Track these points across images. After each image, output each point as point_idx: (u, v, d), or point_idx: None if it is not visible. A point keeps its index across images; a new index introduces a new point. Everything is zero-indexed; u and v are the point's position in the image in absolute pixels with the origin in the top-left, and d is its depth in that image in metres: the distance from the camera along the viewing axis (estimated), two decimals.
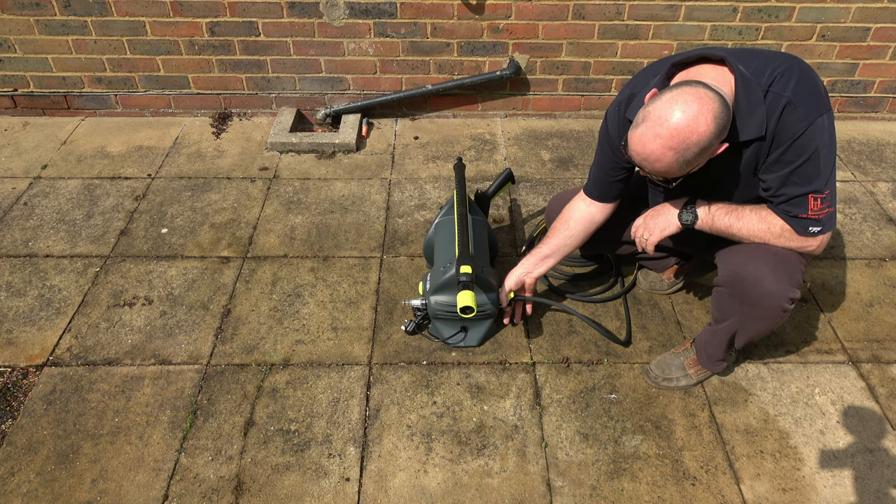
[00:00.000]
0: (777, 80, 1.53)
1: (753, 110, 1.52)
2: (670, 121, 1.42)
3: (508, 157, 3.08)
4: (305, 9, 2.95)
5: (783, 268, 1.68)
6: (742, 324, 1.81)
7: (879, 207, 2.78)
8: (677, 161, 1.47)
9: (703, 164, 1.56)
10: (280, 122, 3.19)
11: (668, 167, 1.49)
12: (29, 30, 3.00)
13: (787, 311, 1.71)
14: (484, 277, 2.03)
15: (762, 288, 1.67)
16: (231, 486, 1.77)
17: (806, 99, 1.52)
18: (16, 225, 2.64)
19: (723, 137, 1.49)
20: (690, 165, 1.50)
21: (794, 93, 1.52)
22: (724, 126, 1.46)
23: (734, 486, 1.78)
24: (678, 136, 1.43)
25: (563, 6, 2.95)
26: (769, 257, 1.69)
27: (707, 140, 1.44)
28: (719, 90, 1.48)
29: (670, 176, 1.55)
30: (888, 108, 3.32)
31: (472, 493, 1.76)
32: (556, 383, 2.04)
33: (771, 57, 1.59)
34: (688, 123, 1.41)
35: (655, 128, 1.44)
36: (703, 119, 1.41)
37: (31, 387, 2.02)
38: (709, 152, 1.49)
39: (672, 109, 1.42)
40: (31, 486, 1.76)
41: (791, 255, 1.71)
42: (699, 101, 1.42)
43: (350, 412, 1.95)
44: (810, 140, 1.52)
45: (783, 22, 3.00)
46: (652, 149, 1.46)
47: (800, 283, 1.71)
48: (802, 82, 1.54)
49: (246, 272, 2.43)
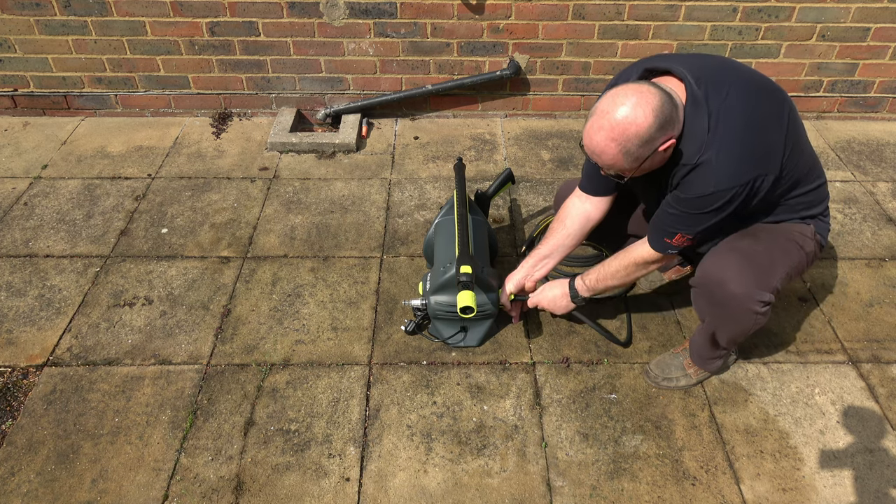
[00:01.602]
0: (714, 124, 1.54)
1: (695, 138, 1.56)
2: (612, 114, 1.50)
3: (508, 157, 3.08)
4: (305, 9, 2.95)
5: (751, 269, 1.69)
6: (716, 324, 1.83)
7: (879, 207, 2.78)
8: (621, 153, 1.52)
9: (658, 162, 1.60)
10: (280, 122, 3.19)
11: (613, 159, 1.55)
12: (29, 30, 3.00)
13: (758, 313, 1.71)
14: (484, 278, 2.03)
15: (726, 290, 1.70)
16: (231, 486, 1.77)
17: (728, 165, 1.54)
18: (16, 225, 2.64)
19: (668, 132, 1.52)
20: (638, 160, 1.54)
21: (719, 153, 1.53)
22: (665, 120, 1.49)
23: (734, 486, 1.78)
24: (618, 127, 1.49)
25: (563, 6, 2.95)
26: (738, 258, 1.71)
27: (647, 132, 1.48)
28: (671, 91, 1.53)
29: (619, 170, 1.60)
30: (888, 108, 3.32)
31: (472, 493, 1.76)
32: (556, 383, 2.04)
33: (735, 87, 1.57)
34: (626, 116, 1.48)
35: (599, 120, 1.52)
36: (642, 112, 1.47)
37: (32, 387, 2.02)
38: (653, 146, 1.52)
39: (615, 104, 1.50)
40: (31, 486, 1.76)
41: (764, 258, 1.72)
42: (639, 95, 1.48)
43: (350, 412, 1.96)
44: (706, 204, 1.59)
45: (783, 22, 3.00)
46: (597, 141, 1.53)
47: (773, 287, 1.70)
48: (737, 140, 1.54)
49: (246, 272, 2.43)
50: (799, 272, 1.83)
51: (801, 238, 1.79)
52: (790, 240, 1.78)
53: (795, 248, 1.78)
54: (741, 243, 1.74)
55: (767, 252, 1.73)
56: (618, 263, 1.86)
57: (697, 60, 1.65)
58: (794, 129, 1.62)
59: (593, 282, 1.92)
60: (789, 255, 1.76)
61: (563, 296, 1.99)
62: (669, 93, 1.52)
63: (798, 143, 1.64)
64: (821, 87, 3.24)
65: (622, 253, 1.86)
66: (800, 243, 1.78)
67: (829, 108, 3.32)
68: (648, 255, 1.79)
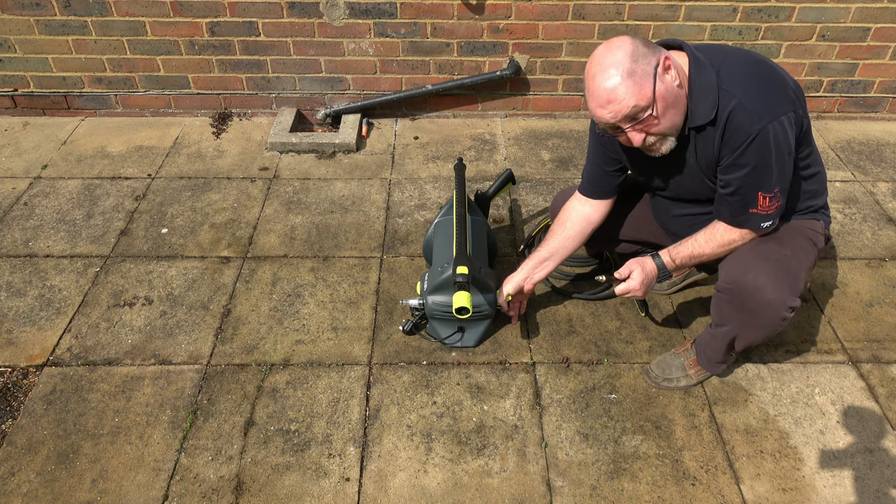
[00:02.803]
0: (728, 77, 1.56)
1: (706, 94, 1.57)
2: (595, 61, 1.56)
3: (508, 157, 3.08)
4: (305, 9, 2.95)
5: (784, 276, 1.68)
6: (740, 330, 1.81)
7: (879, 207, 2.78)
8: (627, 74, 1.51)
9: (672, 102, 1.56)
10: (280, 122, 3.19)
11: (626, 92, 1.52)
12: (29, 30, 3.00)
13: (785, 319, 1.70)
14: (481, 278, 2.03)
15: (761, 297, 1.68)
16: (231, 486, 1.77)
17: (757, 101, 1.55)
18: (16, 225, 2.64)
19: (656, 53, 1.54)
20: (647, 79, 1.52)
21: (745, 93, 1.55)
22: (644, 42, 1.54)
23: (734, 486, 1.78)
24: (606, 62, 1.53)
25: (563, 6, 2.95)
26: (769, 265, 1.69)
27: (632, 47, 1.52)
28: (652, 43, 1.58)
29: (640, 108, 1.54)
30: (888, 108, 3.32)
31: (472, 493, 1.76)
32: (556, 383, 2.04)
33: (732, 53, 1.63)
34: (606, 50, 1.55)
35: (593, 79, 1.56)
36: (617, 41, 1.54)
37: (32, 387, 2.02)
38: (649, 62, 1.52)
39: (593, 59, 1.57)
40: (31, 486, 1.76)
41: (793, 263, 1.71)
42: (606, 42, 1.57)
43: (350, 412, 1.96)
44: (761, 144, 1.56)
45: (783, 22, 3.00)
46: (605, 87, 1.54)
47: (801, 291, 1.70)
48: (756, 81, 1.57)
49: (246, 272, 2.43)
50: (809, 271, 1.82)
51: (815, 235, 1.80)
52: (807, 238, 1.78)
53: (811, 247, 1.78)
54: (768, 247, 1.72)
55: (794, 256, 1.73)
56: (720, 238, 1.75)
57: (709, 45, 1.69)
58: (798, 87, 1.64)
59: (685, 257, 1.80)
60: (808, 256, 1.77)
61: (651, 270, 1.83)
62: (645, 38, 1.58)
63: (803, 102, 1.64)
64: (821, 87, 3.24)
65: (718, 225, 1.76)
66: (814, 241, 1.79)
67: (829, 108, 3.32)
68: (740, 235, 1.73)
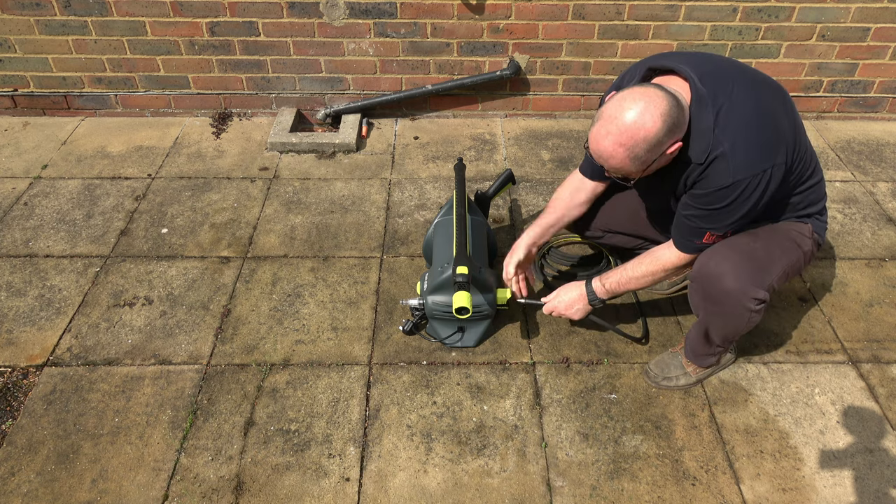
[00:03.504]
0: (724, 122, 1.54)
1: (702, 136, 1.56)
2: (620, 118, 1.48)
3: (508, 157, 3.08)
4: (305, 9, 2.95)
5: (748, 267, 1.69)
6: (710, 319, 1.83)
7: (879, 207, 2.78)
8: (629, 157, 1.51)
9: (663, 164, 1.60)
10: (280, 122, 3.19)
11: (621, 164, 1.54)
12: (29, 30, 3.00)
13: (752, 311, 1.71)
14: (481, 278, 2.03)
15: (721, 285, 1.70)
16: (231, 486, 1.77)
17: (742, 154, 1.54)
18: (16, 225, 2.64)
19: (676, 136, 1.52)
20: (645, 164, 1.54)
21: (734, 144, 1.54)
22: (674, 124, 1.50)
23: (734, 486, 1.78)
24: (627, 132, 1.48)
25: (563, 6, 2.95)
26: (734, 255, 1.70)
27: (655, 137, 1.48)
28: (676, 93, 1.53)
29: (626, 173, 1.59)
30: (888, 108, 3.32)
31: (472, 493, 1.76)
32: (556, 383, 2.04)
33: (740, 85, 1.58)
34: (635, 121, 1.47)
35: (607, 125, 1.50)
36: (650, 116, 1.46)
37: (32, 387, 2.02)
38: (661, 150, 1.52)
39: (622, 108, 1.48)
40: (31, 486, 1.76)
41: (763, 256, 1.72)
42: (647, 100, 1.47)
43: (350, 412, 1.96)
44: (729, 195, 1.58)
45: (783, 22, 3.00)
46: (605, 146, 1.52)
47: (768, 285, 1.71)
48: (749, 132, 1.55)
49: (246, 272, 2.43)
50: (797, 271, 1.83)
51: (800, 237, 1.79)
52: (789, 238, 1.78)
53: (794, 246, 1.78)
54: (739, 240, 1.73)
55: (765, 250, 1.73)
56: (645, 268, 1.82)
57: (699, 58, 1.65)
58: (796, 121, 1.64)
59: (614, 285, 1.88)
60: (787, 254, 1.76)
61: (579, 298, 1.95)
62: (675, 95, 1.52)
63: (801, 137, 1.66)
64: (821, 87, 3.24)
65: (648, 257, 1.83)
66: (798, 242, 1.79)
67: (829, 108, 3.32)
68: (679, 258, 1.77)
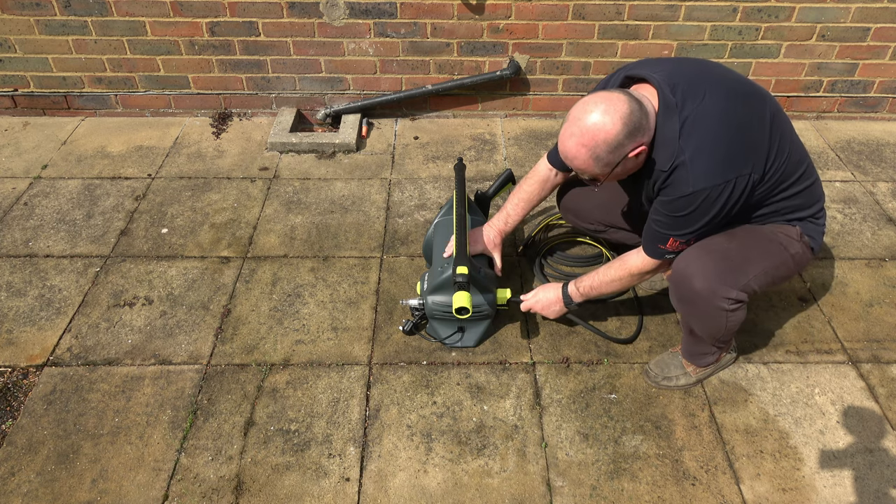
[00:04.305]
0: (689, 131, 1.56)
1: (667, 145, 1.59)
2: (582, 120, 1.55)
3: (508, 157, 3.08)
4: (305, 9, 2.95)
5: (720, 268, 1.71)
6: (689, 320, 1.87)
7: (879, 207, 2.78)
8: (591, 158, 1.57)
9: (631, 168, 1.64)
10: (280, 122, 3.19)
11: (584, 164, 1.60)
12: (29, 30, 3.00)
13: (727, 310, 1.73)
14: (481, 278, 2.03)
15: (691, 286, 1.73)
16: (231, 486, 1.77)
17: (703, 165, 1.56)
18: (16, 225, 2.64)
19: (637, 139, 1.56)
20: (608, 165, 1.58)
21: (695, 154, 1.55)
22: (635, 127, 1.53)
23: (734, 486, 1.78)
24: (587, 134, 1.54)
25: (563, 6, 2.95)
26: (705, 256, 1.72)
27: (615, 139, 1.53)
28: (643, 98, 1.57)
29: (591, 174, 1.64)
30: (888, 108, 3.32)
31: (472, 493, 1.76)
32: (556, 383, 2.04)
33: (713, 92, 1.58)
34: (595, 122, 1.53)
35: (571, 127, 1.58)
36: (610, 119, 1.52)
37: (32, 387, 2.02)
38: (622, 152, 1.56)
39: (585, 111, 1.55)
40: (31, 485, 1.76)
41: (737, 256, 1.73)
42: (608, 103, 1.53)
43: (350, 412, 1.96)
44: (688, 204, 1.61)
45: (783, 22, 3.00)
46: (569, 146, 1.59)
47: (742, 285, 1.72)
48: (715, 143, 1.56)
49: (246, 272, 2.43)
50: (784, 274, 1.82)
51: (786, 239, 1.79)
52: (771, 240, 1.78)
53: (777, 248, 1.77)
54: (713, 241, 1.75)
55: (740, 250, 1.74)
56: (614, 273, 1.87)
57: (677, 66, 1.66)
58: (778, 130, 1.63)
59: (586, 289, 1.94)
60: (769, 256, 1.76)
61: (556, 300, 2.01)
62: (640, 100, 1.56)
63: (783, 145, 1.65)
64: (821, 87, 3.24)
65: (618, 262, 1.87)
66: (783, 244, 1.78)
67: (829, 108, 3.32)
68: (644, 263, 1.80)
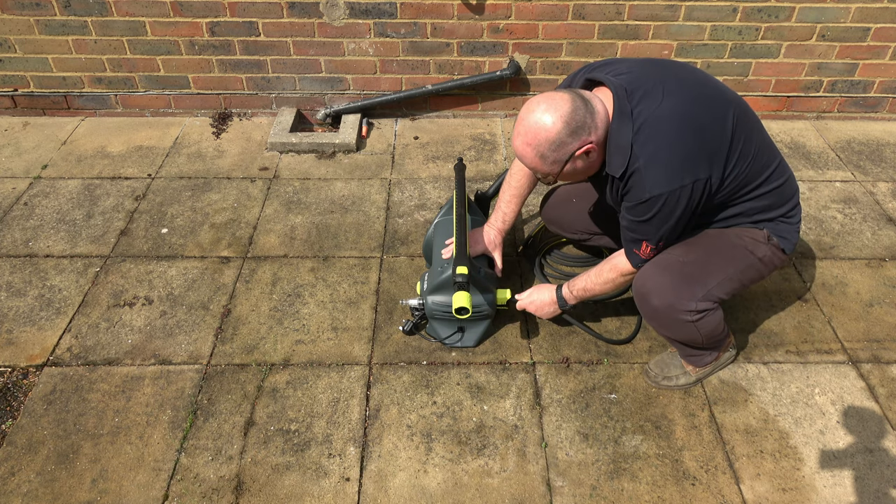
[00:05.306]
0: (644, 138, 1.56)
1: (620, 151, 1.60)
2: (526, 120, 1.59)
3: (508, 157, 3.08)
4: (305, 9, 2.95)
5: (675, 282, 1.75)
6: (660, 333, 1.92)
7: (879, 207, 2.78)
8: (537, 156, 1.60)
9: (583, 167, 1.65)
10: (280, 122, 3.19)
11: (532, 162, 1.63)
12: (29, 30, 3.00)
13: (692, 321, 1.77)
14: (480, 278, 2.03)
15: (648, 303, 1.81)
16: (231, 486, 1.77)
17: (658, 171, 1.56)
18: (16, 225, 2.64)
19: (581, 138, 1.57)
20: (556, 163, 1.61)
21: (650, 160, 1.56)
22: (577, 126, 1.56)
23: (734, 486, 1.78)
24: (530, 132, 1.58)
25: (563, 6, 2.95)
26: (660, 274, 1.76)
27: (557, 137, 1.55)
28: (592, 99, 1.58)
29: (542, 172, 1.66)
30: (888, 108, 3.32)
31: (472, 493, 1.76)
32: (556, 383, 2.04)
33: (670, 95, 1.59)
34: (536, 121, 1.56)
35: (518, 126, 1.62)
36: (550, 118, 1.55)
37: (32, 387, 2.02)
38: (566, 150, 1.58)
39: (529, 110, 1.58)
40: (31, 485, 1.76)
41: (694, 269, 1.75)
42: (549, 103, 1.56)
43: (350, 412, 1.96)
44: (648, 209, 1.62)
45: (783, 22, 3.00)
46: (517, 145, 1.63)
47: (703, 295, 1.74)
48: (670, 148, 1.56)
49: (246, 272, 2.43)
50: (753, 276, 1.82)
51: (751, 243, 1.78)
52: (736, 245, 1.78)
53: (742, 252, 1.77)
54: (671, 255, 1.77)
55: (700, 261, 1.76)
56: (606, 275, 1.87)
57: (640, 68, 1.66)
58: (740, 133, 1.62)
59: (579, 291, 1.94)
60: (733, 261, 1.77)
61: (550, 302, 2.02)
62: (589, 100, 1.58)
63: (747, 147, 1.64)
64: (821, 87, 3.24)
65: (608, 263, 1.87)
66: (749, 248, 1.78)
67: (829, 108, 3.32)
68: (626, 266, 1.81)
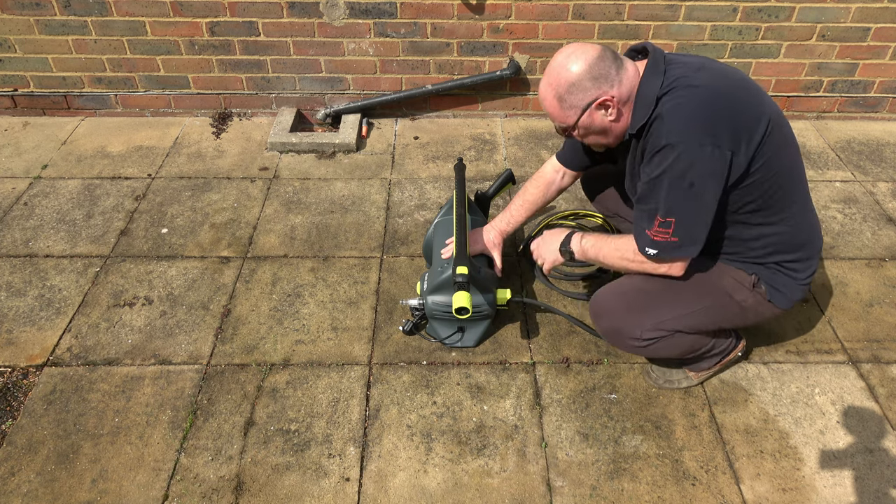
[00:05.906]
0: (672, 93, 1.55)
1: (644, 106, 1.59)
2: (552, 63, 1.63)
3: (508, 157, 3.08)
4: (305, 9, 2.95)
5: (624, 308, 1.77)
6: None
7: (879, 207, 2.78)
8: (556, 99, 1.62)
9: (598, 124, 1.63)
10: (280, 122, 3.19)
11: (551, 106, 1.65)
12: (29, 30, 3.00)
13: (640, 347, 1.79)
14: (481, 278, 2.03)
15: (599, 325, 1.87)
16: (231, 486, 1.77)
17: (679, 121, 1.52)
18: (16, 225, 2.64)
19: (602, 86, 1.58)
20: (574, 109, 1.62)
21: (673, 110, 1.53)
22: (600, 74, 1.57)
23: (734, 486, 1.78)
24: (553, 73, 1.62)
25: (563, 6, 2.95)
26: (613, 299, 1.80)
27: (577, 78, 1.57)
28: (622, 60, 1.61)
29: (560, 120, 1.68)
30: (888, 108, 3.32)
31: (472, 493, 1.76)
32: (556, 383, 2.04)
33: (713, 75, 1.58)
34: (561, 63, 1.60)
35: (546, 72, 1.65)
36: (576, 60, 1.58)
37: (32, 387, 2.02)
38: (585, 96, 1.59)
39: (558, 54, 1.63)
40: (31, 486, 1.76)
41: (651, 300, 1.76)
42: (576, 48, 1.60)
43: (350, 412, 1.96)
44: (662, 159, 1.53)
45: (783, 22, 3.00)
46: (541, 89, 1.66)
47: (654, 325, 1.74)
48: (697, 107, 1.52)
49: (246, 272, 2.43)
50: (731, 319, 1.81)
51: (733, 285, 1.75)
52: (713, 283, 1.75)
53: (718, 293, 1.75)
54: (632, 280, 1.79)
55: (659, 291, 1.75)
56: (620, 242, 1.76)
57: (684, 55, 1.66)
58: (773, 140, 1.56)
59: (588, 248, 1.83)
60: (703, 298, 1.75)
61: (555, 240, 1.92)
62: (619, 57, 1.60)
63: (776, 161, 1.58)
64: (821, 87, 3.24)
65: (624, 238, 1.74)
66: (728, 290, 1.75)
67: (829, 108, 3.32)
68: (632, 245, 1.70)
